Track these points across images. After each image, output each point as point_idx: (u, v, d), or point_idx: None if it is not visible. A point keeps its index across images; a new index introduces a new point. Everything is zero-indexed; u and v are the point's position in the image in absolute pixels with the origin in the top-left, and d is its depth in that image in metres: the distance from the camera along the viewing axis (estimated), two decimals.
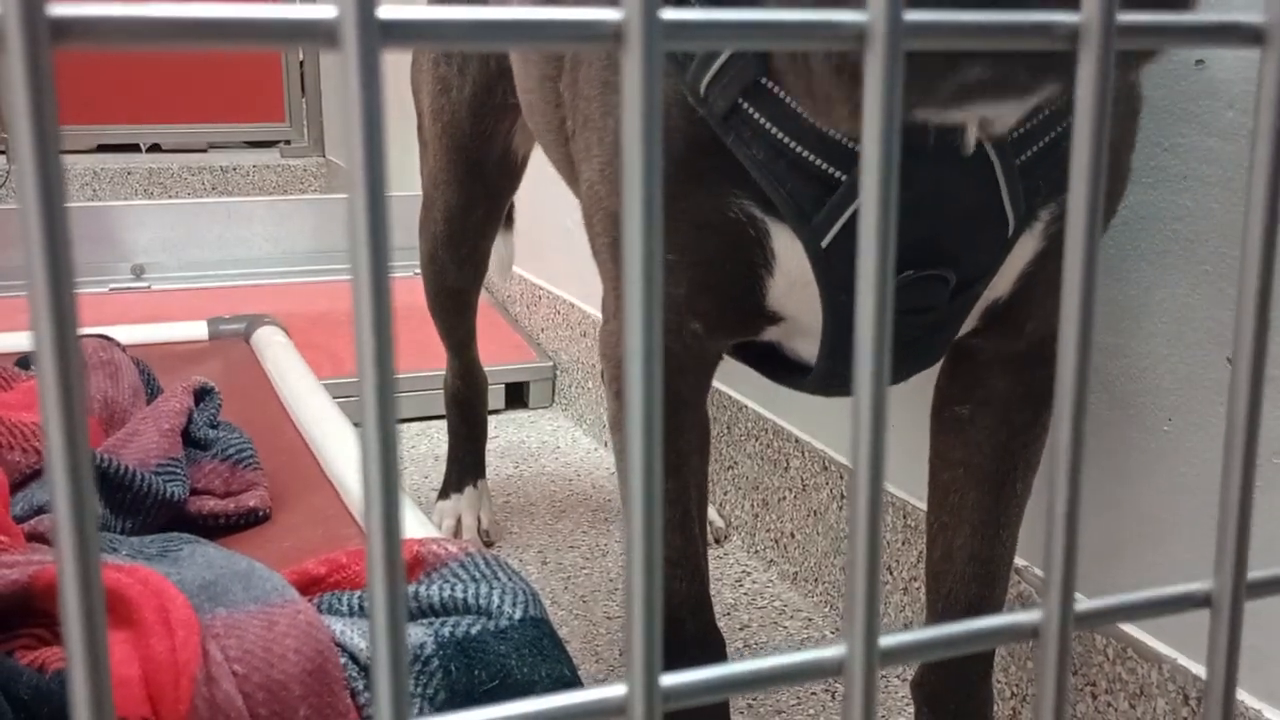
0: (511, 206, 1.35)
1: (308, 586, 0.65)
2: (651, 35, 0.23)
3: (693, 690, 0.26)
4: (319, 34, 0.21)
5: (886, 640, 0.26)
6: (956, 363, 0.74)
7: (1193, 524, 0.77)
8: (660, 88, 0.23)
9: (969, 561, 0.77)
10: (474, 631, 0.58)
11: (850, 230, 0.59)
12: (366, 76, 0.21)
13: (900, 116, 0.25)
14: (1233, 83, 0.71)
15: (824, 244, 0.61)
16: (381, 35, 0.21)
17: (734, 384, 1.34)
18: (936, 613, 0.81)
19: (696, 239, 0.64)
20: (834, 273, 0.62)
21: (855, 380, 0.25)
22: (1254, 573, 0.28)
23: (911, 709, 0.84)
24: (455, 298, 1.27)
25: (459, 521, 1.32)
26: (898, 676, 0.98)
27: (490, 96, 1.07)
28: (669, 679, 0.25)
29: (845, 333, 0.62)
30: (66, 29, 0.20)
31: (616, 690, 0.25)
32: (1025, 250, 0.64)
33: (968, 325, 0.67)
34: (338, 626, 0.58)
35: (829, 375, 0.67)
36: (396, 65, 1.46)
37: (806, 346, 0.69)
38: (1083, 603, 0.27)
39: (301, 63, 3.58)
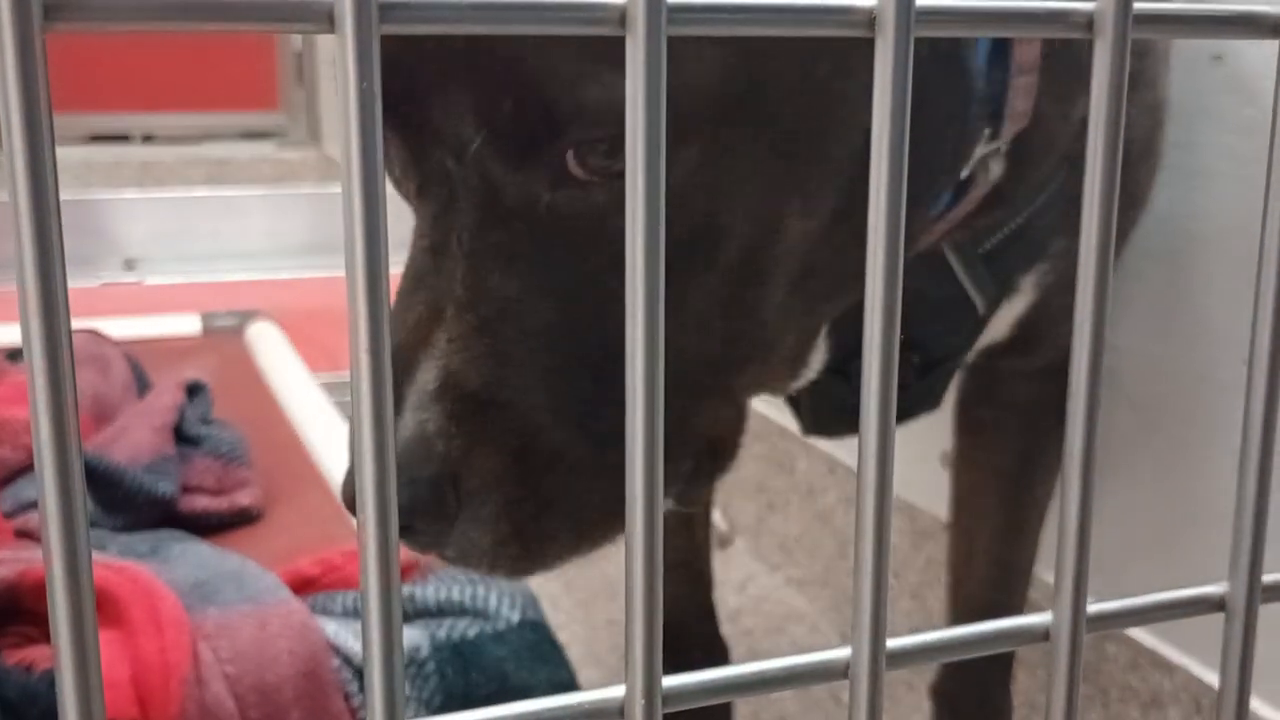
0: None
1: (301, 587, 0.64)
2: (656, 20, 0.22)
3: (694, 692, 0.26)
4: (316, 15, 0.21)
5: (894, 642, 0.26)
6: (976, 369, 0.73)
7: (1207, 527, 0.76)
8: (664, 76, 0.23)
9: (989, 565, 0.77)
10: (471, 634, 0.58)
11: None
12: (363, 60, 0.21)
13: (909, 106, 0.24)
14: (1251, 79, 0.70)
15: None
16: (380, 17, 0.21)
17: None
18: (956, 616, 0.80)
19: None
20: None
21: (862, 381, 0.24)
22: (1269, 576, 0.27)
23: (919, 718, 0.84)
24: None
25: None
26: (904, 684, 0.98)
27: None
28: (670, 680, 0.25)
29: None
30: (59, 9, 0.19)
31: (615, 692, 0.25)
32: (1017, 306, 0.62)
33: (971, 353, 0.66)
34: (331, 628, 0.58)
35: (820, 415, 0.64)
36: None
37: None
38: (1095, 604, 0.26)
39: (299, 54, 3.57)
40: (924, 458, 0.87)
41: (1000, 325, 0.63)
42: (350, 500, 0.41)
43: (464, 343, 0.42)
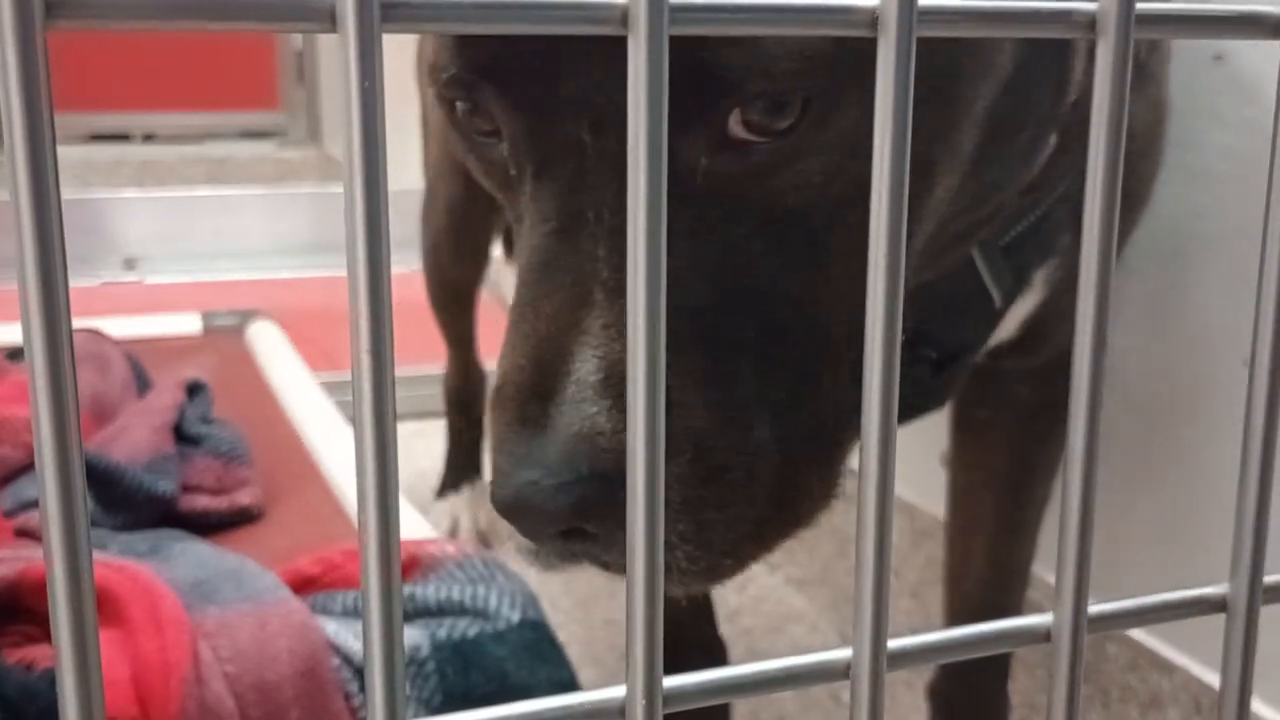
0: None
1: (301, 586, 0.64)
2: (658, 20, 0.22)
3: (694, 692, 0.26)
4: (318, 15, 0.21)
5: (895, 642, 0.25)
6: (976, 369, 0.73)
7: (1209, 528, 0.76)
8: (666, 75, 0.23)
9: (986, 565, 0.77)
10: (471, 634, 0.58)
11: None
12: (365, 59, 0.21)
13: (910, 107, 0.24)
14: (1252, 78, 0.70)
15: None
16: (382, 17, 0.21)
17: None
18: (953, 616, 0.80)
19: None
20: None
21: (864, 380, 0.24)
22: (1270, 577, 0.27)
23: (918, 717, 0.84)
24: (456, 292, 1.26)
25: (456, 522, 1.31)
26: (903, 683, 0.98)
27: None
28: (670, 681, 0.25)
29: None
30: (60, 7, 0.19)
31: (616, 692, 0.25)
32: (1026, 304, 0.62)
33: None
34: (331, 627, 0.58)
35: None
36: (401, 51, 1.44)
37: None
38: (1096, 605, 0.26)
39: (299, 53, 3.57)
40: (924, 457, 0.87)
41: (1009, 323, 0.63)
42: (506, 509, 0.39)
43: (623, 329, 0.40)
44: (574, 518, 0.39)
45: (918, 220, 0.45)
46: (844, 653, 0.25)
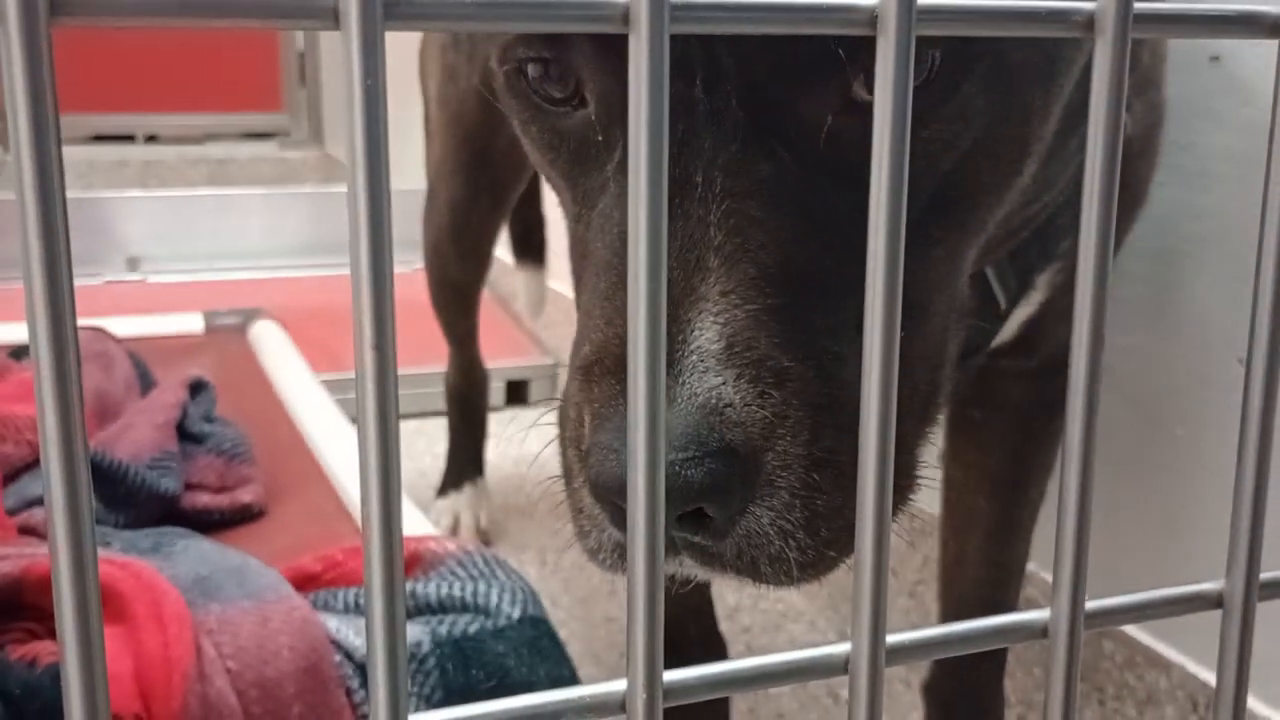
0: (544, 242, 1.35)
1: (303, 583, 0.64)
2: (659, 18, 0.22)
3: (695, 686, 0.26)
4: (321, 12, 0.21)
5: (893, 637, 0.26)
6: (973, 369, 0.73)
7: (1205, 525, 0.76)
8: (667, 73, 0.23)
9: (981, 565, 0.77)
10: (472, 630, 0.58)
11: None
12: (368, 57, 0.21)
13: (910, 104, 0.24)
14: (1249, 79, 0.70)
15: None
16: (384, 14, 0.21)
17: None
18: (947, 616, 0.80)
19: None
20: None
21: (863, 380, 0.25)
22: (1266, 573, 0.27)
23: (916, 715, 0.84)
24: (458, 291, 1.26)
25: (457, 520, 1.31)
26: (901, 681, 0.98)
27: None
28: (671, 675, 0.25)
29: None
30: (65, 4, 0.19)
31: (617, 685, 0.25)
32: (1027, 306, 0.63)
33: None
34: (333, 624, 0.58)
35: None
36: (403, 50, 1.45)
37: None
38: (1093, 601, 0.26)
39: (301, 54, 3.58)
40: (922, 456, 0.87)
41: (1010, 324, 0.63)
42: (618, 489, 0.36)
43: (743, 296, 0.37)
44: (705, 495, 0.36)
45: (999, 205, 0.44)
46: (843, 647, 0.26)
